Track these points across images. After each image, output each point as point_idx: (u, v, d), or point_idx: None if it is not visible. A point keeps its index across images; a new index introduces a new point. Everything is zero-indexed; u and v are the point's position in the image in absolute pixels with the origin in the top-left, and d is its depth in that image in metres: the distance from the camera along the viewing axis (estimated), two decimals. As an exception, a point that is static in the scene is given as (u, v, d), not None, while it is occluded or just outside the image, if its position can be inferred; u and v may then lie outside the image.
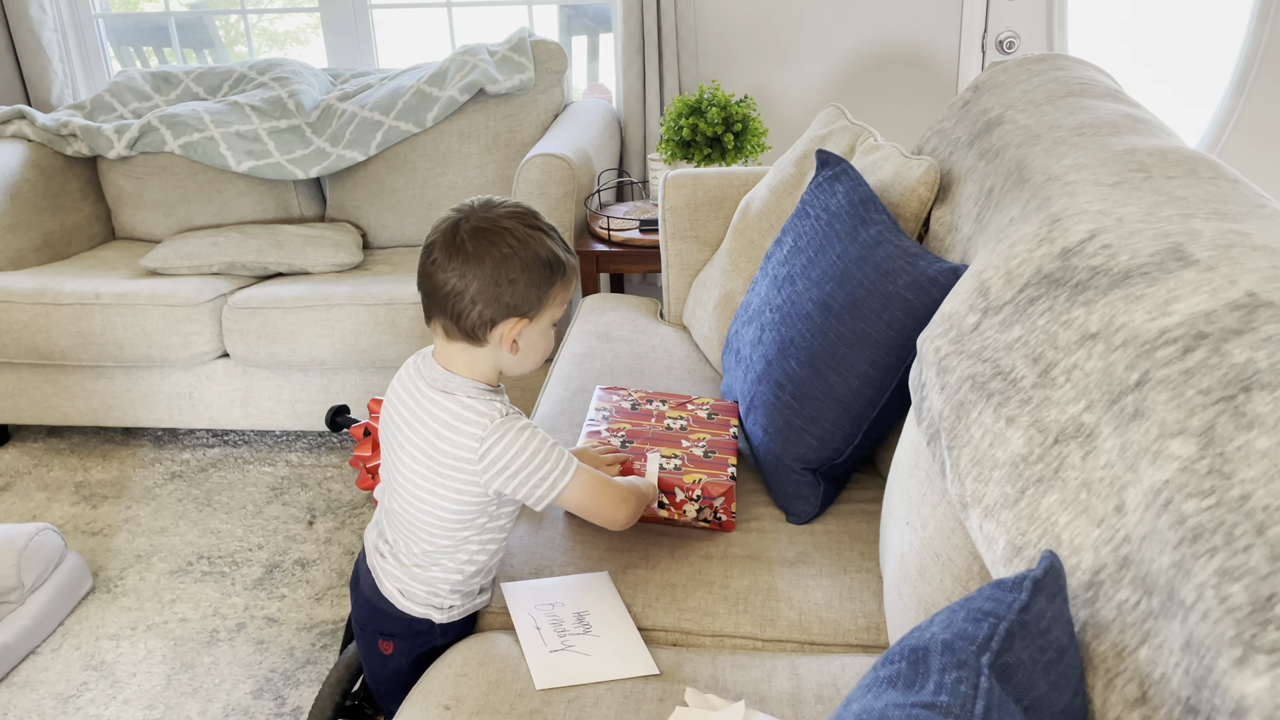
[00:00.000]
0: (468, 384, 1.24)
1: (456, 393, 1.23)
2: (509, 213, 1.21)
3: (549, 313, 1.25)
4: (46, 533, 2.09)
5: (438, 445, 1.23)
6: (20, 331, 2.57)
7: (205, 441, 2.83)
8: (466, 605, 1.35)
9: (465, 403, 1.22)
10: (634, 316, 2.26)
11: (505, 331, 1.21)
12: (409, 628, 1.33)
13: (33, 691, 1.91)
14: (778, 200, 1.96)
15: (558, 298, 1.25)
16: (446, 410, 1.23)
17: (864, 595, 1.36)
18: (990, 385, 0.99)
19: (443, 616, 1.33)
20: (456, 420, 1.22)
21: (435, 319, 1.24)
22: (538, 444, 1.22)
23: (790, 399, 1.51)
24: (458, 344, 1.24)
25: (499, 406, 1.23)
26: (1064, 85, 1.55)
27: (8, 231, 2.77)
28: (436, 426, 1.23)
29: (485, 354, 1.24)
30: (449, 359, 1.26)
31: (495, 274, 1.18)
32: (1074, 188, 1.15)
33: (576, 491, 1.26)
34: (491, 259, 1.18)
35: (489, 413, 1.21)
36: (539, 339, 1.26)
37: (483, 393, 1.24)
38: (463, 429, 1.21)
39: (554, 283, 1.22)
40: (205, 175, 2.98)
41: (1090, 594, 0.78)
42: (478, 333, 1.21)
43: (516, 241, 1.19)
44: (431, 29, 3.38)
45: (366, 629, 1.37)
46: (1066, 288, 0.97)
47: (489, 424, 1.21)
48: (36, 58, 3.16)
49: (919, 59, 3.01)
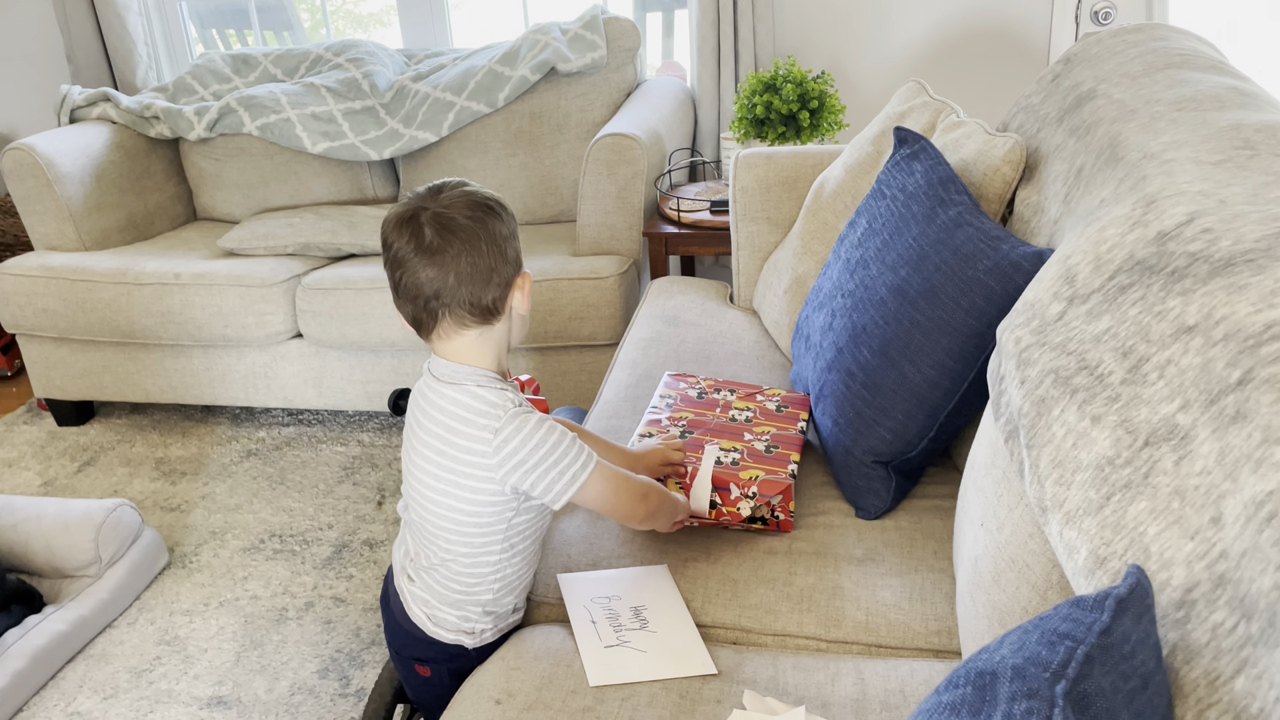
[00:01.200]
0: (476, 373, 1.20)
1: (465, 383, 1.19)
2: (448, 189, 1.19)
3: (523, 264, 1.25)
4: (124, 509, 2.13)
5: (450, 440, 1.18)
6: (104, 310, 2.63)
7: (280, 420, 2.87)
8: (500, 625, 1.31)
9: (475, 392, 1.18)
10: (703, 300, 2.21)
11: (519, 283, 1.21)
12: (443, 652, 1.29)
13: (108, 664, 1.95)
14: (853, 180, 1.88)
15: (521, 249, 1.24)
16: (455, 403, 1.18)
17: (936, 597, 1.29)
18: (1075, 380, 0.91)
19: (474, 641, 1.29)
20: (467, 412, 1.17)
21: (442, 318, 1.18)
22: (557, 437, 1.17)
23: (861, 389, 1.44)
24: (470, 331, 1.19)
25: (511, 396, 1.19)
26: (1163, 56, 1.44)
27: (93, 212, 2.83)
28: (447, 420, 1.18)
29: (497, 331, 1.21)
30: (456, 353, 1.21)
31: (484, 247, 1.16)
32: (1172, 166, 1.06)
33: (599, 487, 1.21)
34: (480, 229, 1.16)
35: (501, 402, 1.17)
36: (529, 288, 1.24)
37: (492, 381, 1.20)
38: (475, 420, 1.16)
39: (517, 236, 1.22)
40: (282, 156, 3.01)
41: (1181, 614, 0.71)
42: (498, 305, 1.19)
43: (483, 206, 1.17)
44: (506, 8, 3.35)
45: (402, 654, 1.34)
46: (1161, 275, 0.89)
47: (503, 414, 1.16)
48: (122, 41, 3.23)
49: (1006, 31, 2.88)
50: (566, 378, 2.55)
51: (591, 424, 1.73)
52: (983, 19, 2.88)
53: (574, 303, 2.44)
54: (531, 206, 2.96)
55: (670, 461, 1.42)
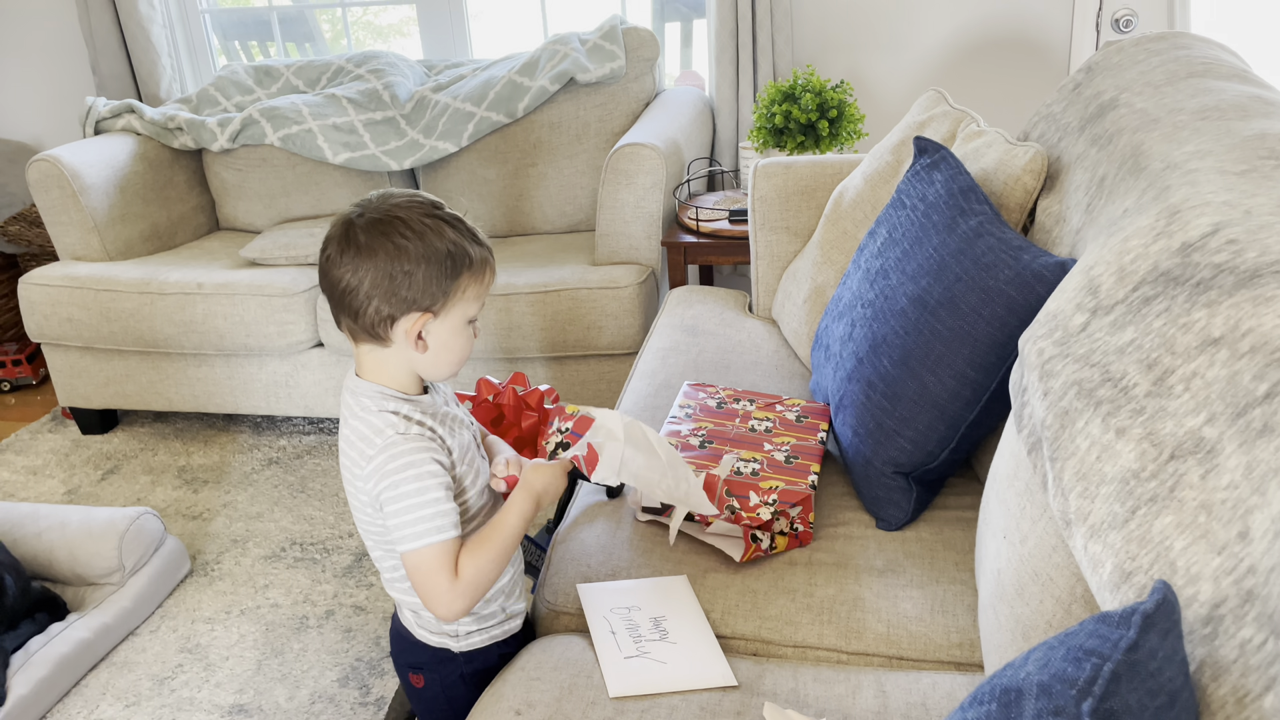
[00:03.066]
0: (374, 389, 1.17)
1: (361, 403, 1.16)
2: (404, 202, 1.13)
3: (459, 308, 1.15)
4: (147, 517, 2.15)
5: (344, 460, 1.19)
6: (128, 320, 2.66)
7: (301, 428, 2.89)
8: (488, 629, 1.29)
9: (363, 418, 1.15)
10: (721, 309, 2.20)
11: (408, 327, 1.12)
12: (433, 656, 1.29)
13: (130, 672, 1.96)
14: (873, 189, 1.88)
15: (468, 291, 1.14)
16: (349, 425, 1.17)
17: (958, 609, 1.28)
18: (1099, 392, 0.91)
19: (459, 644, 1.28)
20: (354, 434, 1.16)
21: (341, 321, 1.16)
22: (415, 490, 1.12)
23: (882, 399, 1.44)
24: (364, 345, 1.16)
25: (394, 421, 1.14)
26: (1186, 65, 1.43)
27: (117, 222, 2.86)
28: (346, 446, 1.18)
29: (394, 355, 1.16)
30: (360, 363, 1.19)
31: (390, 266, 1.09)
32: (1196, 176, 1.05)
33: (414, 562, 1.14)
34: (385, 251, 1.09)
35: (382, 429, 1.13)
36: (451, 337, 1.15)
37: (387, 399, 1.16)
38: (357, 444, 1.15)
39: (459, 275, 1.13)
40: (304, 167, 3.03)
41: (1209, 630, 0.70)
42: (378, 330, 1.13)
43: (411, 232, 1.10)
44: (525, 19, 3.37)
45: (398, 661, 1.34)
46: (1186, 287, 0.88)
47: (378, 443, 1.13)
48: (146, 53, 3.26)
49: (1027, 40, 2.87)
50: (585, 387, 2.55)
51: (611, 434, 1.73)
52: (1002, 27, 2.87)
53: (592, 312, 2.44)
54: (550, 216, 2.96)
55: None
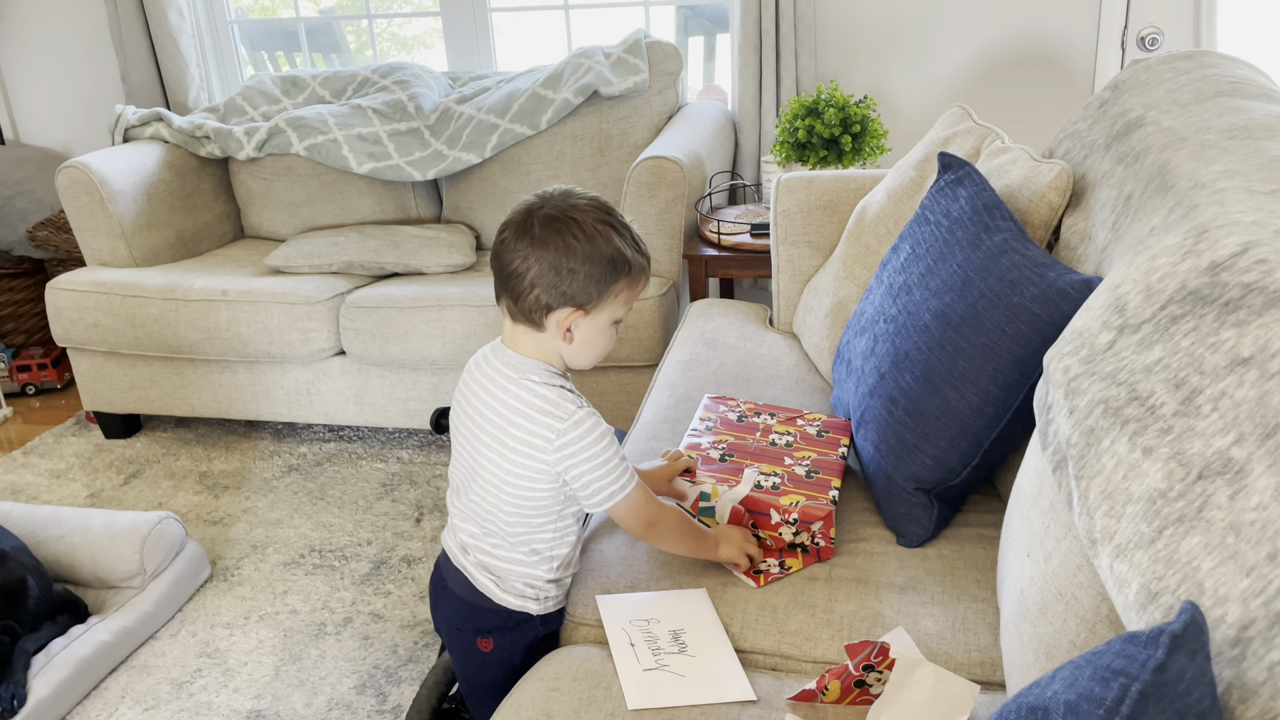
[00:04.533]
0: (536, 366, 1.26)
1: (526, 376, 1.25)
2: (583, 204, 1.22)
3: (609, 309, 1.25)
4: (169, 521, 2.16)
5: (511, 432, 1.24)
6: (153, 326, 2.68)
7: (321, 436, 2.90)
8: (560, 598, 1.37)
9: (537, 390, 1.24)
10: (742, 323, 2.21)
11: (560, 319, 1.22)
12: (508, 619, 1.33)
13: (149, 675, 1.97)
14: (896, 205, 1.88)
15: (620, 295, 1.25)
16: (518, 398, 1.24)
17: (979, 627, 1.28)
18: (1125, 411, 0.90)
19: (540, 608, 1.34)
20: (529, 408, 1.23)
21: (502, 298, 1.26)
22: (612, 451, 1.24)
23: (904, 415, 1.43)
24: (520, 326, 1.26)
25: (572, 396, 1.24)
26: (1213, 84, 1.43)
27: (144, 229, 2.89)
28: (509, 414, 1.24)
29: (546, 339, 1.25)
30: (515, 340, 1.28)
31: (556, 261, 1.19)
32: (1224, 195, 1.05)
33: (625, 507, 1.28)
34: (555, 246, 1.19)
35: (563, 403, 1.23)
36: (596, 334, 1.26)
37: (551, 377, 1.26)
38: (537, 417, 1.22)
39: (616, 280, 1.22)
40: (328, 176, 3.05)
41: (1237, 652, 0.70)
42: (534, 316, 1.23)
43: (583, 234, 1.20)
44: (549, 31, 3.39)
45: (464, 629, 1.37)
46: (1215, 306, 0.88)
47: (566, 416, 1.22)
48: (175, 62, 3.30)
49: (1052, 57, 2.86)
50: (605, 399, 2.56)
51: (630, 446, 1.73)
52: (1027, 45, 2.87)
53: (613, 324, 2.45)
54: (572, 228, 2.97)
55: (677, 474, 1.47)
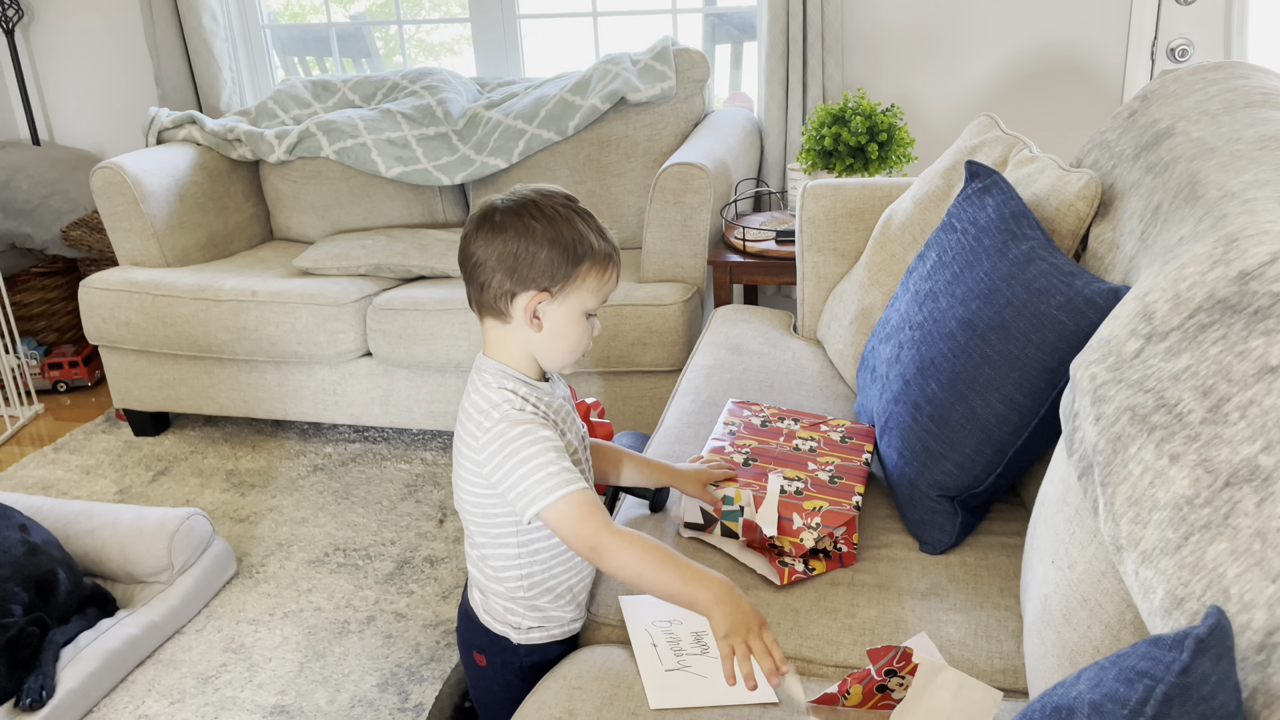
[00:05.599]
0: (497, 367, 1.24)
1: (481, 378, 1.24)
2: (545, 192, 1.22)
3: (577, 295, 1.21)
4: (196, 518, 2.19)
5: (460, 434, 1.25)
6: (183, 325, 2.72)
7: (347, 436, 2.93)
8: (549, 630, 1.32)
9: (482, 391, 1.23)
10: (766, 329, 2.21)
11: (526, 304, 1.20)
12: (494, 643, 1.33)
13: (176, 670, 2.00)
14: (922, 213, 1.88)
15: (588, 281, 1.21)
16: (469, 400, 1.24)
17: (1001, 635, 1.28)
18: (1152, 418, 0.90)
19: (520, 636, 1.31)
20: (472, 408, 1.23)
21: (470, 296, 1.25)
22: (535, 451, 1.17)
23: (929, 422, 1.44)
24: (488, 321, 1.25)
25: (513, 399, 1.20)
26: (1244, 95, 1.42)
27: (175, 230, 2.93)
28: (462, 418, 1.25)
29: (514, 333, 1.23)
30: (488, 343, 1.27)
31: (516, 244, 1.18)
32: (1254, 205, 1.05)
33: (553, 517, 1.18)
34: (514, 229, 1.19)
35: (499, 403, 1.20)
36: (568, 324, 1.22)
37: (507, 378, 1.23)
38: (474, 417, 1.22)
39: (580, 262, 1.20)
40: (357, 180, 3.09)
41: (1261, 657, 0.70)
42: (500, 305, 1.21)
43: (543, 215, 1.19)
44: (578, 38, 3.41)
45: (463, 640, 1.39)
46: (1243, 315, 0.88)
47: (495, 417, 1.19)
48: (208, 66, 3.35)
49: (1081, 68, 2.86)
50: (629, 403, 2.57)
51: (653, 449, 1.74)
52: (1056, 55, 2.86)
53: (637, 329, 2.46)
54: (597, 233, 2.99)
55: (712, 481, 1.44)
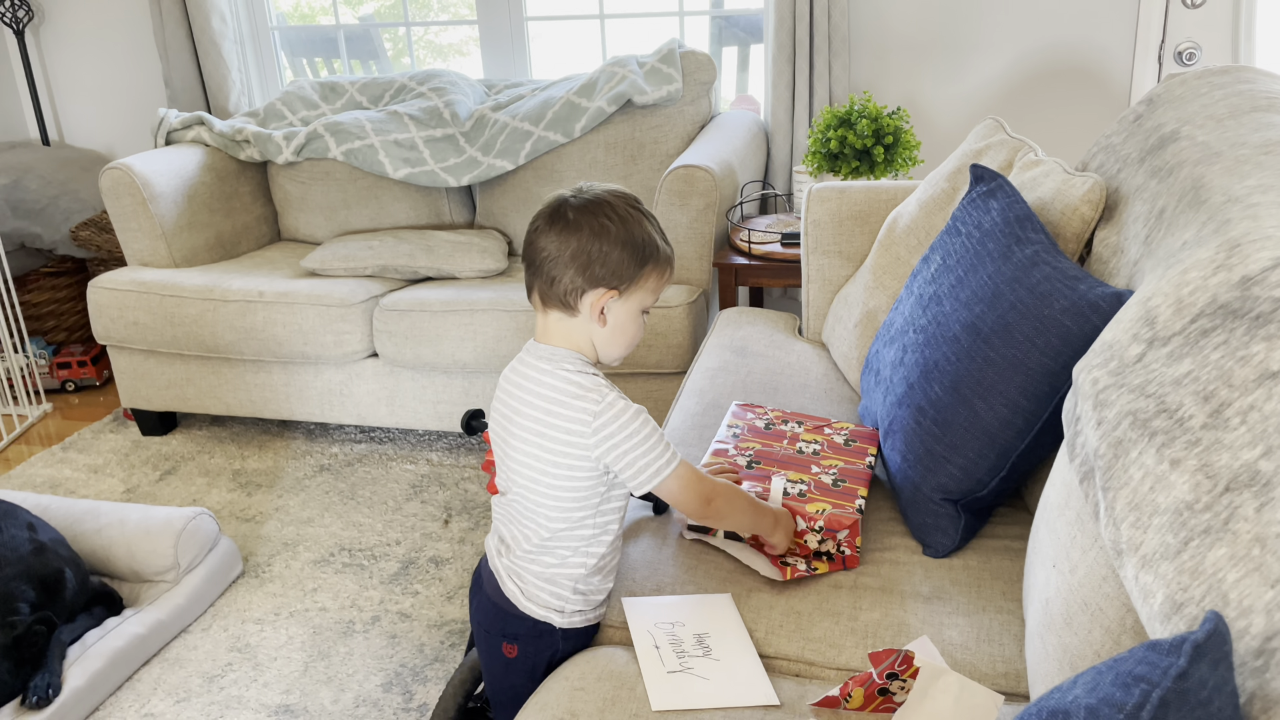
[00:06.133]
0: (570, 355, 1.27)
1: (560, 366, 1.26)
2: (615, 192, 1.27)
3: (639, 294, 1.27)
4: (203, 517, 2.20)
5: (548, 422, 1.25)
6: (190, 325, 2.73)
7: (353, 437, 2.94)
8: (588, 612, 1.35)
9: (571, 378, 1.25)
10: (771, 331, 2.21)
11: (595, 300, 1.24)
12: (532, 629, 1.33)
13: (181, 668, 2.01)
14: (927, 216, 1.88)
15: (649, 282, 1.27)
16: (553, 388, 1.25)
17: (1004, 638, 1.28)
18: (1154, 423, 0.90)
19: (564, 620, 1.33)
20: (564, 395, 1.24)
21: (534, 288, 1.28)
22: (650, 429, 1.24)
23: (932, 425, 1.44)
24: (554, 313, 1.27)
25: (605, 382, 1.26)
26: (1249, 99, 1.42)
27: (183, 230, 2.95)
28: (545, 404, 1.26)
29: (578, 326, 1.27)
30: (547, 333, 1.29)
31: (590, 243, 1.22)
32: (1258, 210, 1.05)
33: (675, 484, 1.27)
34: (589, 228, 1.23)
35: (597, 387, 1.24)
36: (628, 320, 1.28)
37: (585, 365, 1.27)
38: (573, 403, 1.24)
39: (646, 263, 1.26)
40: (364, 181, 3.10)
41: (1260, 663, 0.70)
42: (569, 299, 1.25)
43: (616, 216, 1.24)
44: (584, 40, 3.42)
45: (491, 631, 1.38)
46: (1245, 320, 0.88)
47: (600, 398, 1.23)
48: (217, 67, 3.37)
49: (1087, 71, 2.85)
50: (633, 405, 2.57)
51: (659, 451, 1.74)
52: (1063, 59, 2.86)
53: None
54: (604, 235, 3.00)
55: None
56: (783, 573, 1.37)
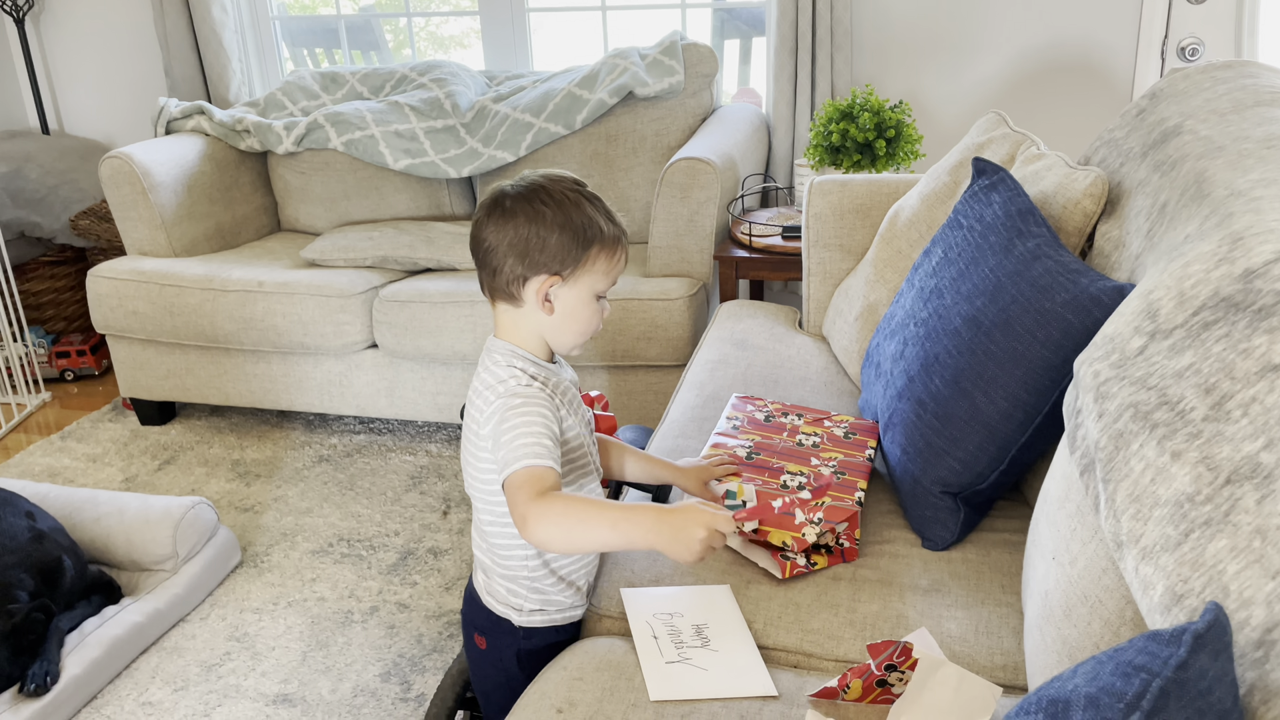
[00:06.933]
0: (506, 347, 1.26)
1: (493, 359, 1.26)
2: (554, 176, 1.25)
3: (587, 279, 1.24)
4: (202, 507, 2.20)
5: (471, 412, 1.25)
6: (190, 315, 2.73)
7: (352, 428, 2.94)
8: (550, 614, 1.33)
9: (495, 371, 1.24)
10: (771, 324, 2.21)
11: (538, 288, 1.22)
12: (495, 625, 1.34)
13: (180, 657, 2.01)
14: (929, 209, 1.88)
15: (598, 264, 1.24)
16: (483, 381, 1.25)
17: (1002, 631, 1.28)
18: (1155, 416, 0.90)
19: (521, 619, 1.32)
20: (483, 386, 1.24)
21: (482, 281, 1.27)
22: (523, 423, 1.16)
23: (932, 418, 1.44)
24: (500, 305, 1.26)
25: (521, 376, 1.21)
26: (1253, 94, 1.42)
27: (183, 220, 2.94)
28: (475, 398, 1.26)
29: (525, 317, 1.25)
30: (499, 326, 1.28)
31: (526, 229, 1.20)
32: (1260, 204, 1.04)
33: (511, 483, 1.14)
34: (524, 214, 1.20)
35: (504, 379, 1.22)
36: (579, 305, 1.24)
37: (515, 357, 1.25)
38: (485, 394, 1.23)
39: (590, 246, 1.22)
40: (365, 172, 3.09)
41: (1260, 654, 0.70)
42: (512, 289, 1.23)
43: (552, 200, 1.21)
44: (586, 32, 3.41)
45: (466, 622, 1.40)
46: (1248, 313, 0.88)
47: (505, 390, 1.20)
48: (217, 56, 3.36)
49: (1090, 66, 2.85)
50: (633, 397, 2.57)
51: (657, 443, 1.74)
52: (1066, 54, 2.85)
53: (643, 323, 2.46)
54: (604, 227, 2.99)
55: (714, 478, 1.44)
56: (782, 568, 1.37)
